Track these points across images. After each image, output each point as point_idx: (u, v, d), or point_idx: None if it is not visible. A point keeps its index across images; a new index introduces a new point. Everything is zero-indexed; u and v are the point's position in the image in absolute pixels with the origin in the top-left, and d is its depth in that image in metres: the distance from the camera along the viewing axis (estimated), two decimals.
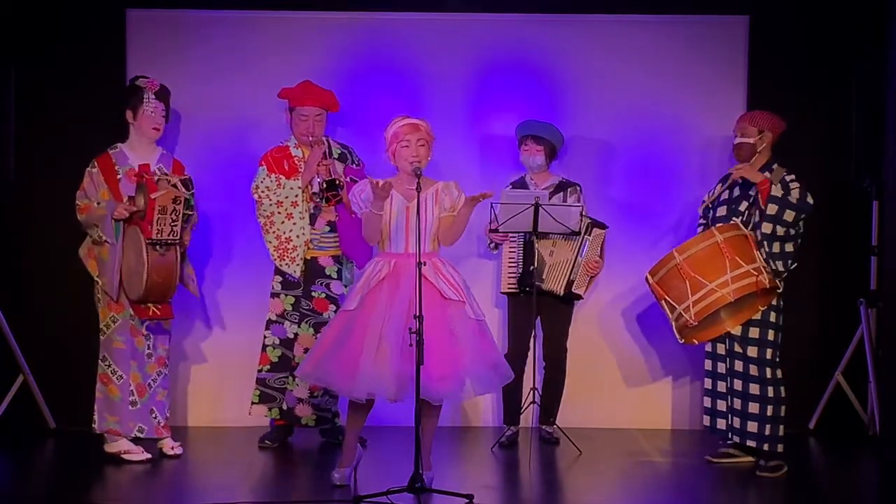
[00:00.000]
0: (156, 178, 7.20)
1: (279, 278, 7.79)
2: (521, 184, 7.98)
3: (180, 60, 8.23)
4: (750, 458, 7.44)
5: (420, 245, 6.51)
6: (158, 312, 7.35)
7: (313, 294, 7.76)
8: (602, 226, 7.84)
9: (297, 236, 7.68)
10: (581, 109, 8.36)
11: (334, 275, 7.78)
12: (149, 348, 7.46)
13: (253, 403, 7.81)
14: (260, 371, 7.81)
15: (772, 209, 7.16)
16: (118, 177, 7.34)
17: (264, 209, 7.70)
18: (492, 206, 7.71)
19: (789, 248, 7.26)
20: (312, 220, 7.72)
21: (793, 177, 7.28)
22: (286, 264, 7.69)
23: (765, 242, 7.17)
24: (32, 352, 8.07)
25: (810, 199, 7.23)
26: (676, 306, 7.17)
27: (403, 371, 6.48)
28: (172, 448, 7.49)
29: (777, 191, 7.16)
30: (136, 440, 7.41)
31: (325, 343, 6.72)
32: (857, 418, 8.26)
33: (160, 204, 7.14)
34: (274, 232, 7.69)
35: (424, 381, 6.44)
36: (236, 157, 8.26)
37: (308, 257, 7.74)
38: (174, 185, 7.20)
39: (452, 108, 8.32)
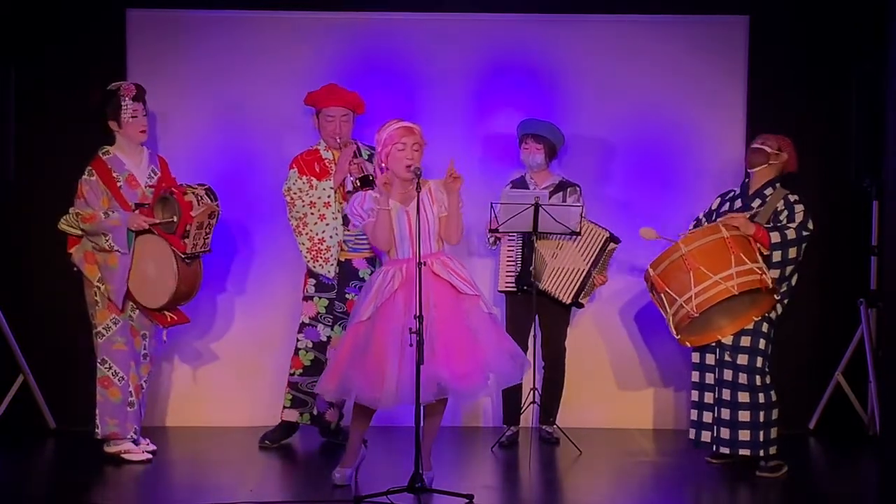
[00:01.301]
0: (183, 192, 7.21)
1: (313, 281, 7.76)
2: (520, 183, 7.98)
3: (180, 60, 8.23)
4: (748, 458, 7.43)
5: (420, 244, 6.51)
6: (176, 318, 7.39)
7: (347, 296, 7.73)
8: (618, 240, 7.84)
9: (331, 237, 7.66)
10: (581, 109, 8.35)
11: (368, 277, 7.73)
12: (144, 349, 7.46)
13: (285, 407, 7.79)
14: (292, 375, 7.78)
15: (777, 256, 7.15)
16: (119, 184, 7.33)
17: (296, 210, 7.67)
18: (492, 206, 7.70)
19: (794, 280, 7.28)
20: (346, 221, 7.70)
21: (796, 197, 7.26)
22: (320, 265, 7.67)
23: (776, 286, 7.15)
24: (32, 352, 8.07)
25: (811, 225, 7.20)
26: (677, 298, 7.12)
27: (427, 376, 6.43)
28: (148, 444, 7.51)
29: (776, 237, 7.15)
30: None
31: (343, 357, 6.65)
32: (858, 418, 8.26)
33: (198, 221, 7.16)
34: (307, 233, 7.67)
35: (448, 380, 6.45)
36: (235, 157, 8.26)
37: (342, 259, 7.73)
38: (199, 196, 7.21)
39: (452, 107, 8.31)
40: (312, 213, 7.65)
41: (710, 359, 7.33)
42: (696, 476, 7.30)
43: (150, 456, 7.39)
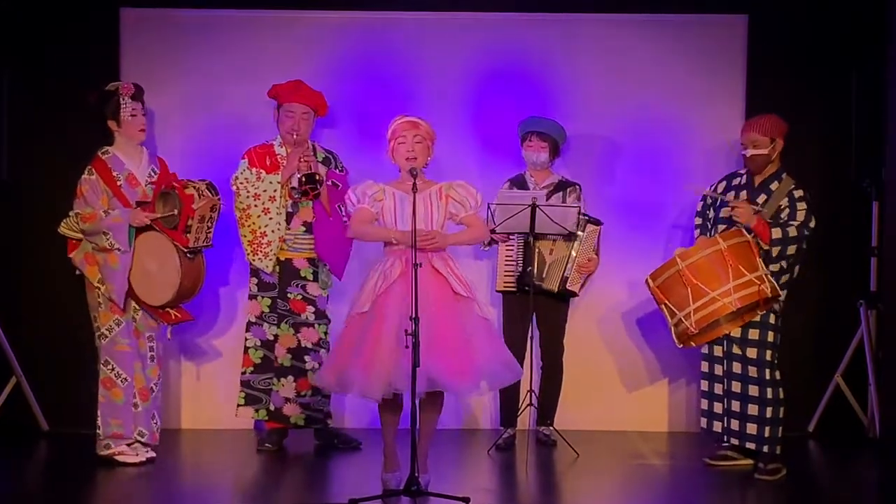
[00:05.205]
0: (184, 186, 7.19)
1: (255, 280, 7.75)
2: (519, 181, 7.93)
3: (174, 60, 8.22)
4: (748, 461, 7.39)
5: (416, 245, 6.48)
6: (180, 316, 7.36)
7: (289, 295, 7.70)
8: (596, 222, 7.78)
9: (272, 231, 7.62)
10: (581, 108, 8.33)
11: (310, 276, 7.70)
12: (151, 350, 7.41)
13: (239, 405, 7.76)
14: (244, 373, 7.77)
15: (776, 250, 7.13)
16: (119, 183, 7.30)
17: (241, 201, 7.65)
18: (489, 207, 7.66)
19: (795, 271, 7.26)
20: (288, 218, 7.66)
21: (801, 192, 7.22)
22: (259, 259, 7.63)
23: (773, 278, 7.10)
24: (26, 354, 8.05)
25: (812, 223, 7.19)
26: (677, 312, 7.10)
27: (421, 371, 6.38)
28: (148, 451, 7.44)
29: (777, 233, 7.11)
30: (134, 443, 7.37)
31: (343, 350, 6.64)
32: (857, 421, 8.23)
33: (200, 214, 7.15)
34: (249, 226, 7.65)
35: (442, 376, 6.43)
36: (229, 156, 8.20)
37: (283, 258, 7.69)
38: (200, 190, 7.19)
39: (451, 107, 8.29)
40: (256, 206, 7.62)
41: (717, 350, 7.36)
42: (693, 478, 7.28)
43: (143, 458, 7.32)
